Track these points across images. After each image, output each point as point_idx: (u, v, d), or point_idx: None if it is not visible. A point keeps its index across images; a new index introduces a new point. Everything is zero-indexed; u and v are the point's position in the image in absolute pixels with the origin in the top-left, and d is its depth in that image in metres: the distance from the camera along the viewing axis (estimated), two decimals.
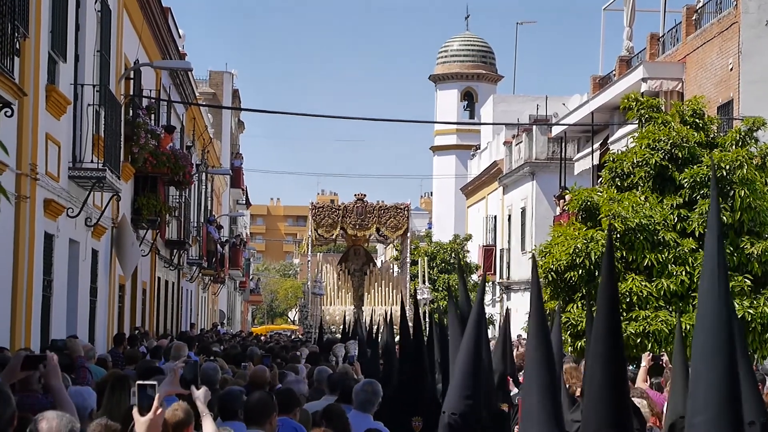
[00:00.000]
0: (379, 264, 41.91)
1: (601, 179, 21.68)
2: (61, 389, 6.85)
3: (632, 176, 19.72)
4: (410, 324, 10.40)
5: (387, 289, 34.12)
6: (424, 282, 36.24)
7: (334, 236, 35.93)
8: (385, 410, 10.25)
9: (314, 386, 12.16)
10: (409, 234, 36.18)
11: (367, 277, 35.05)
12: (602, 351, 4.40)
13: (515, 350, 14.73)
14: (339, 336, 28.63)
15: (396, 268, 39.45)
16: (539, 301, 4.89)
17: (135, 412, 5.75)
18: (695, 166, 19.06)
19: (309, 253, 35.32)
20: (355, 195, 35.33)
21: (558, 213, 33.36)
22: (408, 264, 35.36)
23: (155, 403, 5.71)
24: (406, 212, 35.32)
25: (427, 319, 32.44)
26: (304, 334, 37.42)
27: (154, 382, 5.89)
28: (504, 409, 10.87)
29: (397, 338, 14.60)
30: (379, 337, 17.93)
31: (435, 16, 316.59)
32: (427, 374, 9.77)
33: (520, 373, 14.48)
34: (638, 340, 17.71)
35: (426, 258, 42.09)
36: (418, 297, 33.81)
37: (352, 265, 35.85)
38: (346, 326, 22.09)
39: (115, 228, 22.20)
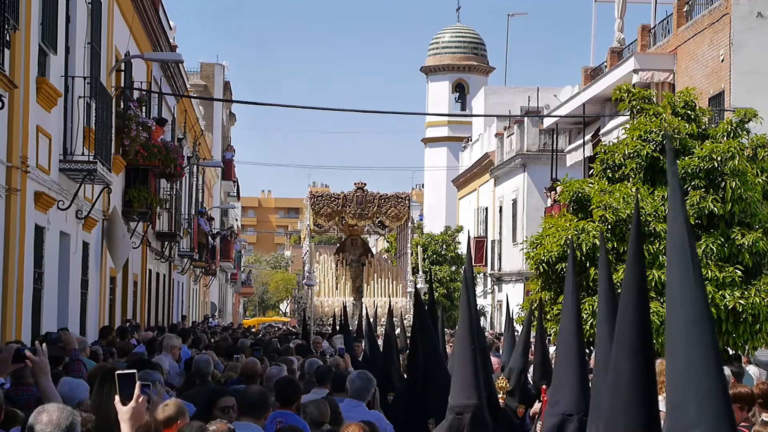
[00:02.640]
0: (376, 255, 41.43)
1: (592, 171, 21.68)
2: (48, 385, 6.84)
3: (623, 168, 19.73)
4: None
5: (387, 280, 33.76)
6: (416, 273, 35.95)
7: (332, 226, 35.51)
8: (396, 410, 10.17)
9: (306, 378, 12.17)
10: (410, 224, 35.76)
11: (365, 268, 34.67)
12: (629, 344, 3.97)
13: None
14: (329, 329, 28.50)
15: (388, 260, 39.19)
16: (575, 294, 4.66)
17: (117, 402, 5.79)
18: (686, 158, 19.07)
19: (308, 242, 34.85)
20: (355, 184, 34.68)
21: (549, 204, 33.38)
22: (409, 255, 34.97)
23: (136, 392, 5.76)
24: (407, 201, 34.83)
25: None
26: (298, 326, 37.17)
27: (134, 371, 5.93)
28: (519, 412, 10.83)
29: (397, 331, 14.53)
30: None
31: (426, 7, 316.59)
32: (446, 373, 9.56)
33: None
34: None
35: (420, 248, 41.93)
36: (417, 286, 33.49)
37: (349, 255, 35.41)
38: (339, 319, 21.91)
39: (106, 220, 22.16)
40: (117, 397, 5.81)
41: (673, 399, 3.40)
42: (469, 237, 7.63)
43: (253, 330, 45.38)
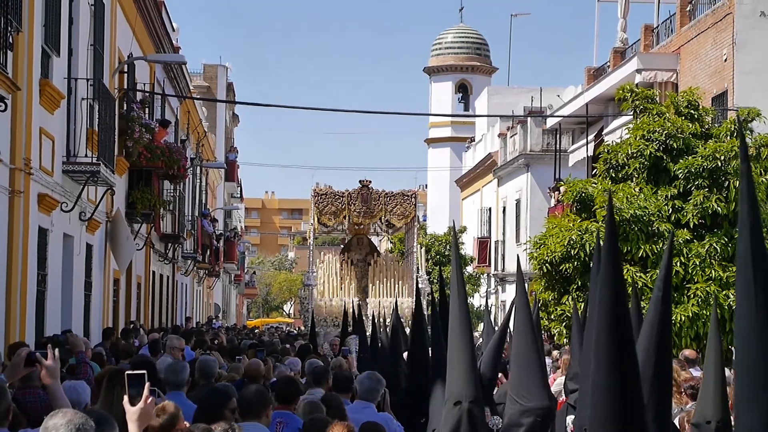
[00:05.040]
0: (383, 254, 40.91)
1: (595, 171, 21.68)
2: (58, 389, 6.84)
3: (627, 167, 19.73)
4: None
5: (392, 280, 33.35)
6: (419, 273, 35.59)
7: (336, 225, 35.04)
8: (400, 412, 10.12)
9: (307, 379, 12.17)
10: (416, 222, 35.29)
11: (371, 268, 34.23)
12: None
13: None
14: (335, 330, 28.34)
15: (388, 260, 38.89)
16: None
17: (126, 402, 5.78)
18: (690, 157, 19.07)
19: (312, 241, 34.49)
20: (360, 181, 34.03)
21: (553, 205, 33.36)
22: (415, 254, 34.55)
23: (145, 392, 5.76)
24: (413, 199, 34.16)
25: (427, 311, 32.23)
26: (304, 327, 36.91)
27: (144, 372, 5.93)
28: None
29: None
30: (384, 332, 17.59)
31: (429, 8, 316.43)
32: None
33: None
34: None
35: (423, 249, 41.72)
36: (419, 287, 33.21)
37: (355, 255, 34.97)
38: (347, 318, 21.71)
39: (110, 222, 22.17)
40: (125, 397, 5.81)
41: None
42: (454, 229, 7.14)
43: (257, 331, 45.36)
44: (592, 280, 5.69)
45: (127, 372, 5.96)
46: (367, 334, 19.29)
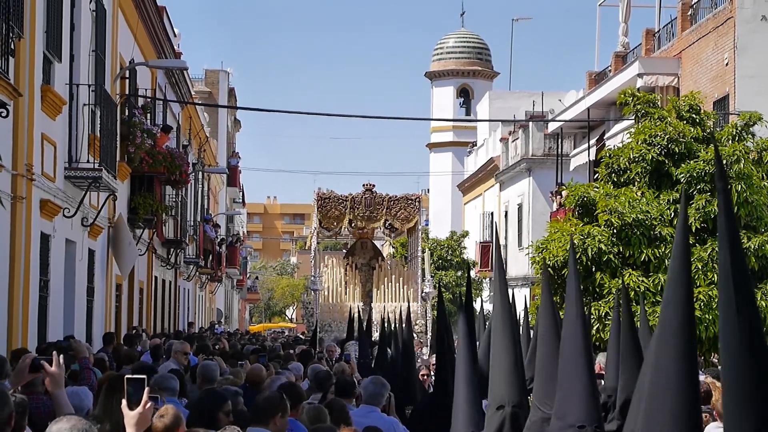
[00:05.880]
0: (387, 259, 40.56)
1: (597, 175, 21.67)
2: (62, 396, 6.84)
3: (629, 172, 19.72)
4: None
5: (397, 284, 33.05)
6: (424, 278, 35.34)
7: (339, 229, 34.69)
8: (417, 423, 10.06)
9: (310, 384, 12.17)
10: (419, 226, 34.96)
11: (375, 272, 33.88)
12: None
13: None
14: (344, 335, 28.37)
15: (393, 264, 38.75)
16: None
17: (124, 406, 5.77)
18: (692, 161, 19.06)
19: (314, 245, 34.20)
20: (364, 185, 33.51)
21: (554, 209, 33.35)
22: (419, 258, 34.22)
23: (144, 397, 5.75)
24: (417, 203, 33.69)
25: (428, 315, 32.21)
26: (307, 331, 36.69)
27: (143, 376, 5.92)
28: None
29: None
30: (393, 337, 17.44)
31: (430, 12, 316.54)
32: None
33: None
34: None
35: (429, 252, 41.54)
36: (425, 291, 33.10)
37: (359, 259, 34.63)
38: (353, 325, 21.52)
39: (112, 228, 22.18)
40: (124, 401, 5.80)
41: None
42: (498, 244, 6.88)
43: (265, 337, 45.29)
44: (569, 281, 5.67)
45: (126, 376, 5.95)
46: (373, 338, 19.25)
